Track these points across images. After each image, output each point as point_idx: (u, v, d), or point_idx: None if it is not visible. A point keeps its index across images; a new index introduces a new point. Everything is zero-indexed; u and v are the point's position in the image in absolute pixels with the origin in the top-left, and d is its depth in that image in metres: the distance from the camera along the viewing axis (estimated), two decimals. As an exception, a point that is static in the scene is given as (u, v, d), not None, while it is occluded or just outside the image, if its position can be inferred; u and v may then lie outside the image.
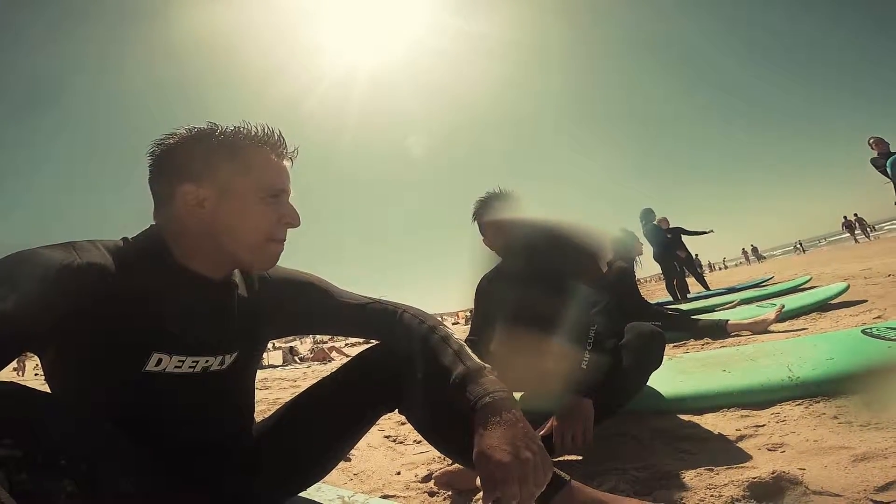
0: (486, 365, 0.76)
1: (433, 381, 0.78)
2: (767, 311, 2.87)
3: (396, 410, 0.88)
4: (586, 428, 1.14)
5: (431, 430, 0.87)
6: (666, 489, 0.95)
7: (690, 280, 6.58)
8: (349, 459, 1.53)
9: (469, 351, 0.79)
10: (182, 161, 0.73)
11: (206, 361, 0.77)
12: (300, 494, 0.98)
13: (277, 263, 0.82)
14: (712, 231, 6.57)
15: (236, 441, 0.86)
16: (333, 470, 0.95)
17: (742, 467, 0.96)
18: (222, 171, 0.73)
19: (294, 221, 0.79)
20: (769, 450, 1.05)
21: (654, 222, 5.92)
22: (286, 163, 0.80)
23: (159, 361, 0.71)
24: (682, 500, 0.89)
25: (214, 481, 0.80)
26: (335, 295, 0.91)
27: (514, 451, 0.62)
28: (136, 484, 0.58)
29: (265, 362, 8.55)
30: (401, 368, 0.83)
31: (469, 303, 1.67)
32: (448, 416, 0.79)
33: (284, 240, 0.79)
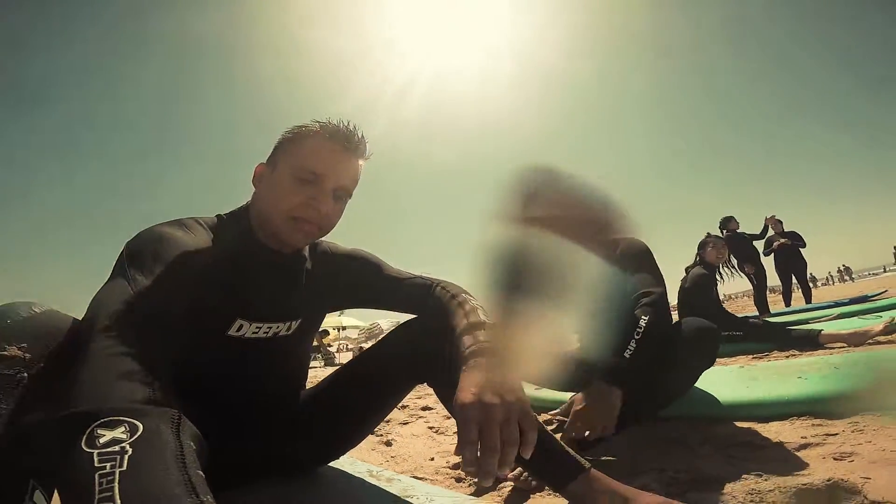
0: (489, 322, 0.73)
1: (452, 350, 0.76)
2: (872, 324, 2.51)
3: (426, 384, 0.89)
4: (608, 418, 1.05)
5: (451, 402, 0.88)
6: (701, 492, 0.87)
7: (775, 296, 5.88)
8: (390, 444, 1.57)
9: (480, 312, 0.76)
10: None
11: (277, 328, 0.83)
12: (331, 464, 1.03)
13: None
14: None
15: (288, 403, 0.92)
16: (373, 452, 0.97)
17: (795, 475, 0.85)
18: (279, 151, 0.80)
19: (321, 206, 0.76)
20: (835, 459, 0.92)
21: (738, 230, 5.39)
22: (345, 154, 0.78)
23: (240, 327, 0.78)
24: (716, 502, 0.81)
25: (264, 440, 0.86)
26: (383, 269, 0.95)
27: (479, 394, 0.58)
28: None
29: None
30: (427, 342, 0.83)
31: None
32: None
33: (312, 221, 0.78)
